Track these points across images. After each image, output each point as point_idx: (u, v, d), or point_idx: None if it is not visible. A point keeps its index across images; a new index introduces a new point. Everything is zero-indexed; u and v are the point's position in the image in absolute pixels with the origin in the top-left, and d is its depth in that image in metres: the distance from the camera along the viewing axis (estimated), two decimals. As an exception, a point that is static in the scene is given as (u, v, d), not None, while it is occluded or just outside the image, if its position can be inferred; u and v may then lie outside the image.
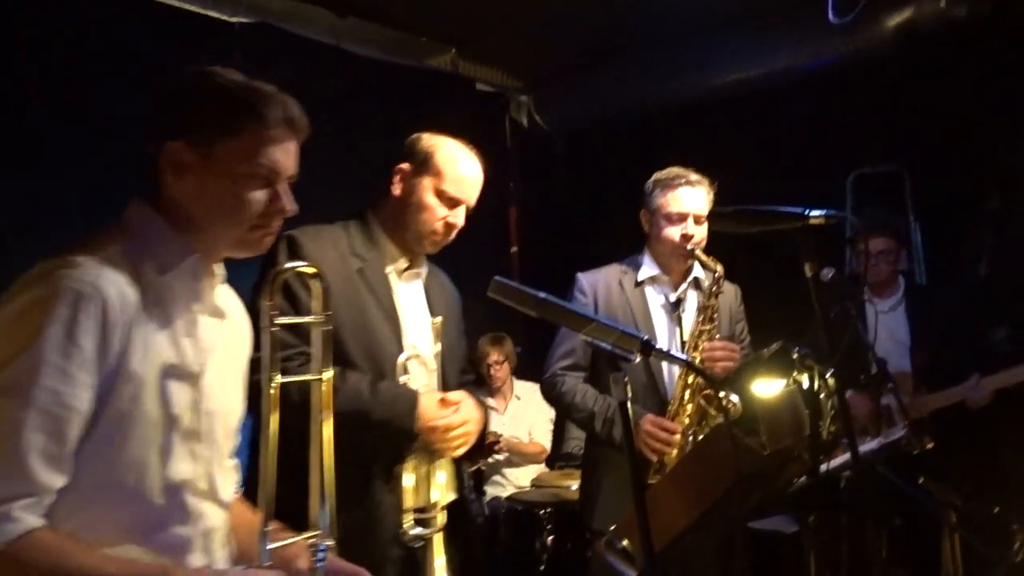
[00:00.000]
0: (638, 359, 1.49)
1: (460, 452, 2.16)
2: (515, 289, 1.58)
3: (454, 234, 2.25)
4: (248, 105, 1.44)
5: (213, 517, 1.49)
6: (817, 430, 1.86)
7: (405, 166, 2.23)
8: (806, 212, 1.86)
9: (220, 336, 1.52)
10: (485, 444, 4.31)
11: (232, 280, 1.62)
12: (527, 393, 4.76)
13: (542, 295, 1.54)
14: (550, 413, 4.66)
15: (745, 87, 4.84)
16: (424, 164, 2.21)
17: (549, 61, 5.36)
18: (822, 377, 1.86)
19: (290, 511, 2.00)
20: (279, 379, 1.45)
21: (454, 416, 2.10)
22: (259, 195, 1.45)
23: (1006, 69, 4.14)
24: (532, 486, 4.40)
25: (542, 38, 4.97)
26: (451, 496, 2.18)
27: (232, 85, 1.46)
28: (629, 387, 1.51)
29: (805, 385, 1.87)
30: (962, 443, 3.62)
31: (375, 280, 2.17)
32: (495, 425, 4.65)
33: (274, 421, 1.45)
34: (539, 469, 4.63)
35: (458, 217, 2.23)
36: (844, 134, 4.62)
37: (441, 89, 5.13)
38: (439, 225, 2.21)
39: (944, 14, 4.08)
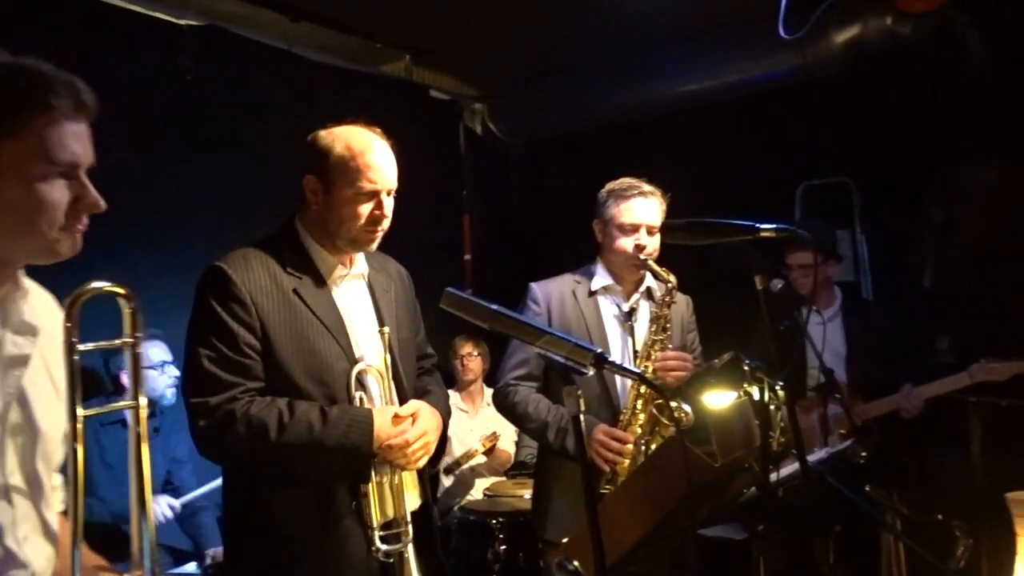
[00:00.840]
0: (591, 372, 1.49)
1: (421, 464, 2.13)
2: (467, 301, 1.57)
3: (387, 222, 2.15)
4: (29, 96, 1.26)
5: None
6: (767, 441, 1.88)
7: (311, 177, 2.12)
8: (756, 225, 1.88)
9: (34, 353, 1.37)
10: (487, 447, 4.33)
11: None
12: None
13: (494, 307, 1.53)
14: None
15: (697, 100, 4.89)
16: (329, 167, 2.10)
17: (503, 71, 5.37)
18: (772, 389, 1.88)
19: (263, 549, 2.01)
20: (82, 412, 1.29)
21: (411, 431, 2.06)
22: (60, 195, 1.29)
23: (948, 86, 4.25)
24: (484, 495, 4.37)
25: (496, 48, 4.97)
26: (416, 502, 2.17)
27: (4, 73, 1.27)
28: (582, 400, 1.51)
29: (755, 397, 1.89)
30: (905, 452, 3.71)
31: (314, 296, 2.09)
32: (464, 431, 4.62)
33: (80, 453, 1.29)
34: (493, 478, 4.60)
35: (383, 206, 2.13)
36: (793, 147, 4.71)
37: (395, 96, 5.10)
38: (366, 223, 2.12)
39: (890, 31, 4.18)
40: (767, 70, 4.58)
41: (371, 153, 2.11)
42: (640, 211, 2.80)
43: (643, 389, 2.67)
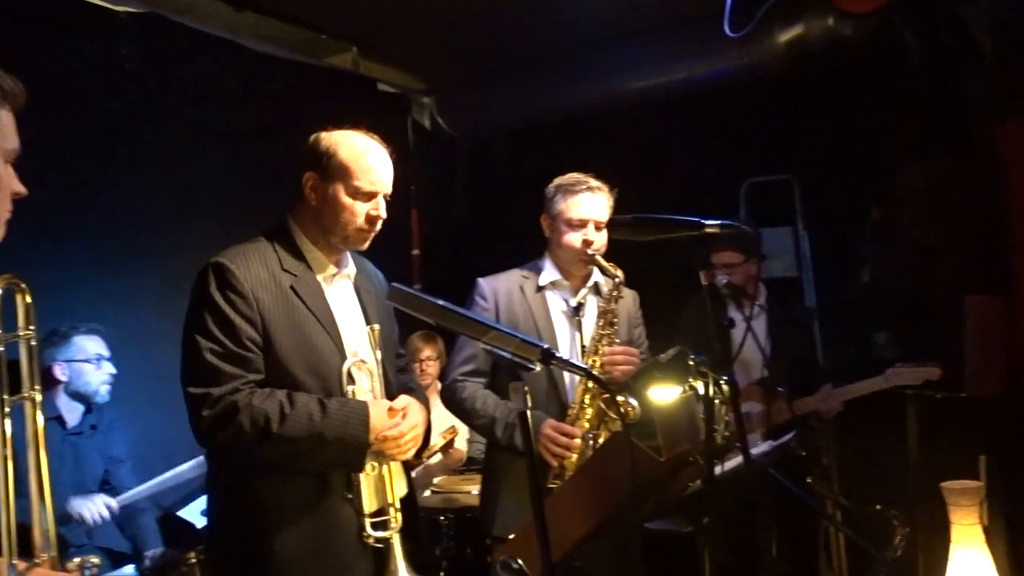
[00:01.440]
0: (538, 368, 1.49)
1: (411, 455, 2.22)
2: (414, 296, 1.57)
3: (380, 224, 2.25)
4: None
5: None
6: (712, 435, 1.90)
7: (312, 174, 2.21)
8: (702, 221, 1.90)
9: None
10: (443, 443, 4.29)
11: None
12: None
13: (441, 302, 1.53)
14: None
15: (644, 97, 4.94)
16: (330, 167, 2.20)
17: (452, 65, 5.35)
18: (716, 383, 1.90)
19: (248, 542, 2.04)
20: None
21: (404, 423, 2.16)
22: None
23: (886, 86, 4.36)
24: (432, 492, 4.36)
25: (445, 41, 4.95)
26: (403, 489, 2.27)
27: None
28: (529, 396, 1.52)
29: (700, 391, 1.91)
30: (842, 445, 3.80)
31: (309, 292, 2.17)
32: None
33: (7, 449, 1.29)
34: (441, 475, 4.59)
35: (379, 208, 2.23)
36: (738, 144, 4.78)
37: (341, 88, 5.04)
38: (362, 222, 2.21)
39: (832, 31, 4.27)
40: (712, 68, 4.64)
41: (374, 156, 2.24)
42: (588, 206, 2.81)
43: (591, 384, 2.69)
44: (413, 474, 4.36)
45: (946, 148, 4.26)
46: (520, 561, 1.38)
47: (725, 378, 1.86)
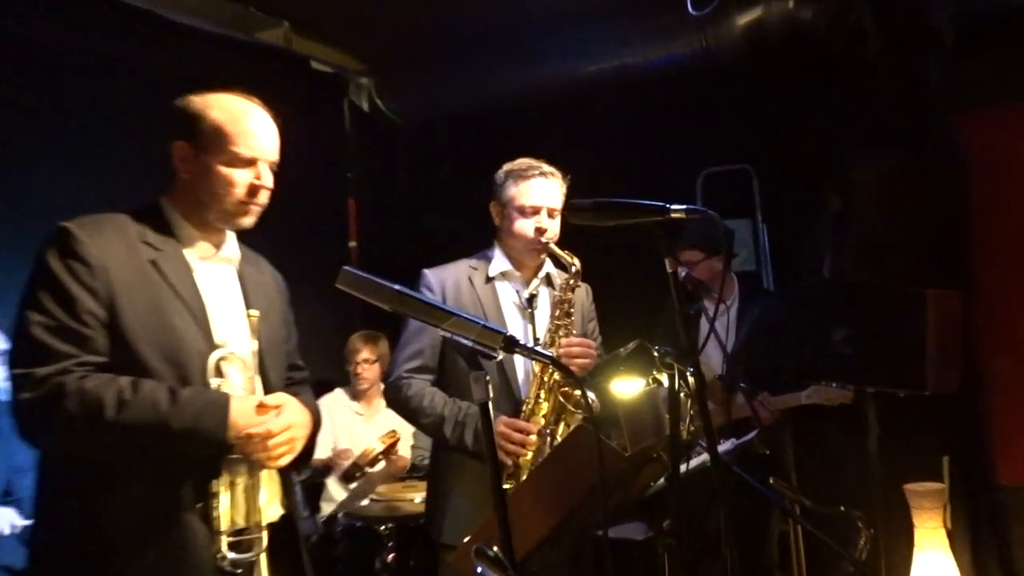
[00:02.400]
0: (501, 355, 1.50)
1: (284, 462, 2.02)
2: (367, 281, 1.55)
3: (265, 197, 2.11)
4: None
5: None
6: (677, 430, 1.93)
7: (181, 143, 2.06)
8: (667, 206, 1.92)
9: None
10: (383, 447, 4.21)
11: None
12: None
13: (397, 287, 1.53)
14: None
15: (597, 82, 4.99)
16: (201, 133, 2.05)
17: (393, 44, 5.31)
18: (682, 376, 1.93)
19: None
20: None
21: (274, 422, 1.97)
22: None
23: (845, 76, 4.47)
24: (371, 500, 4.32)
25: (385, 18, 4.91)
26: (277, 513, 2.08)
27: None
28: (490, 386, 1.52)
29: (665, 384, 1.93)
30: (804, 443, 3.89)
31: (173, 269, 2.01)
32: (360, 435, 4.51)
33: None
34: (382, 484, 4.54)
35: (263, 177, 2.09)
36: (695, 133, 4.86)
37: (272, 66, 4.97)
38: (242, 194, 2.07)
39: (791, 15, 4.36)
40: (668, 52, 4.71)
41: (250, 119, 2.08)
42: (541, 192, 2.83)
43: (547, 377, 2.70)
44: (353, 485, 4.36)
45: (904, 138, 4.38)
46: (496, 548, 1.38)
47: (691, 370, 1.88)
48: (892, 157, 4.37)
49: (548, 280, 2.94)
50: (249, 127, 2.07)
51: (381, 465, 4.33)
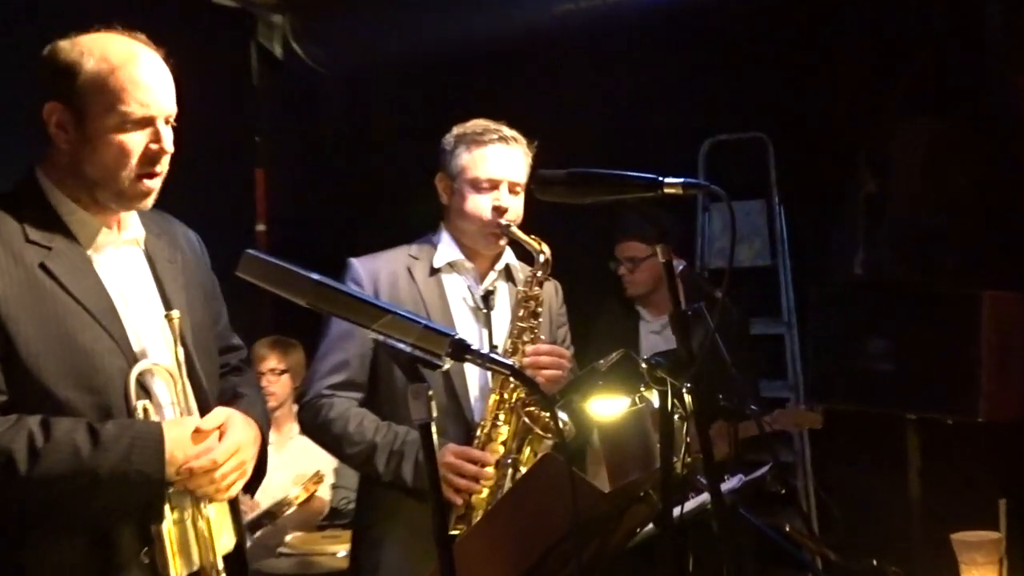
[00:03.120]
0: (448, 364, 1.49)
1: (235, 491, 2.10)
2: (278, 268, 1.55)
3: (166, 162, 2.09)
4: None
5: None
6: (669, 462, 1.94)
7: (55, 104, 2.03)
8: (660, 179, 1.93)
9: None
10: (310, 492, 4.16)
11: None
12: None
13: (316, 277, 1.51)
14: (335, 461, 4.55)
15: (573, 26, 4.98)
16: (79, 89, 2.01)
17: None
18: (677, 395, 1.93)
19: None
20: None
21: (218, 449, 2.03)
22: None
23: (884, 26, 4.52)
24: (279, 555, 4.29)
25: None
26: (230, 542, 2.15)
27: None
28: (434, 403, 1.51)
29: (655, 404, 1.94)
30: (828, 483, 3.93)
31: (70, 270, 2.01)
32: (268, 471, 4.44)
33: None
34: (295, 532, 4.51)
35: (161, 138, 2.06)
36: (697, 90, 4.88)
37: (164, 1, 4.91)
38: (139, 163, 2.05)
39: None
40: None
41: (138, 65, 2.04)
42: (499, 162, 2.82)
43: (507, 394, 2.70)
44: (257, 534, 4.31)
45: (955, 103, 4.44)
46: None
47: (687, 386, 1.89)
48: (940, 125, 4.43)
49: (508, 273, 2.94)
50: (138, 76, 2.03)
51: (293, 508, 4.29)
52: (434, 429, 1.53)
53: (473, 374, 2.79)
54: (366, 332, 2.12)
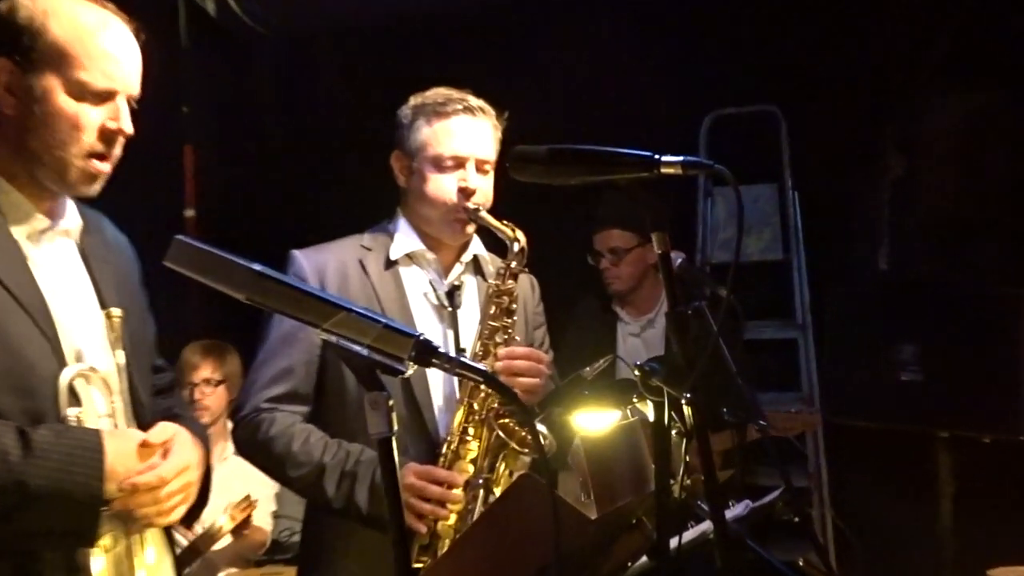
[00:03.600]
0: (412, 370, 1.50)
1: (176, 517, 2.11)
2: (213, 257, 1.55)
3: (119, 146, 2.15)
4: None
5: None
6: (666, 485, 1.95)
7: (5, 63, 2.07)
8: (656, 157, 1.94)
9: None
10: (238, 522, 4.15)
11: None
12: None
13: (258, 267, 1.52)
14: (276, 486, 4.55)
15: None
16: (36, 51, 2.07)
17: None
18: (675, 407, 1.95)
19: None
20: None
21: (164, 465, 2.05)
22: None
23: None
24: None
25: None
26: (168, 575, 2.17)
27: None
28: (394, 415, 1.52)
29: (650, 417, 1.95)
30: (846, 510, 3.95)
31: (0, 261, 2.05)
32: None
33: None
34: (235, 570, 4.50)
35: (119, 116, 2.12)
36: (699, 57, 4.90)
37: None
38: (93, 140, 2.09)
39: None
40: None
41: (107, 34, 2.11)
42: (465, 137, 2.82)
43: (477, 404, 2.70)
44: (185, 571, 4.30)
45: (996, 77, 4.48)
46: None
47: (687, 396, 1.91)
48: (978, 101, 4.47)
49: (476, 265, 2.95)
50: (105, 46, 2.09)
51: (227, 541, 4.28)
52: (395, 446, 1.53)
53: (437, 382, 2.80)
54: (313, 334, 2.13)
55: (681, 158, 1.96)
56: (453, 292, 2.86)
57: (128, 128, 2.14)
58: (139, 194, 5.04)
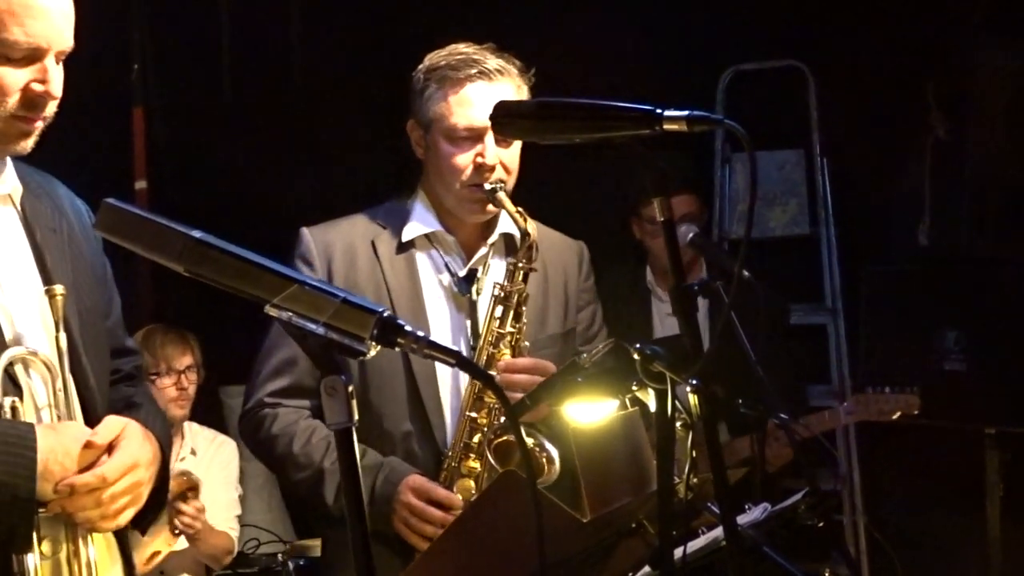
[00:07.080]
0: (373, 351, 1.48)
1: (124, 520, 2.13)
2: (147, 223, 1.54)
3: (52, 107, 2.16)
4: None
5: None
6: (669, 484, 1.94)
7: None
8: (658, 112, 1.93)
9: None
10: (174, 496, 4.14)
11: None
12: (210, 450, 4.60)
13: (198, 234, 1.50)
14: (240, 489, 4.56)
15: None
16: None
17: None
18: (680, 396, 1.94)
19: None
20: None
21: (109, 464, 2.06)
22: None
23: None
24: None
25: None
26: None
27: None
28: (355, 402, 1.50)
29: (652, 407, 1.94)
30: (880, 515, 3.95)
31: None
32: None
33: None
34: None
35: (48, 77, 2.12)
36: (718, 10, 4.89)
37: None
38: (16, 103, 2.10)
39: None
40: None
41: None
42: (481, 106, 2.78)
43: (480, 415, 2.72)
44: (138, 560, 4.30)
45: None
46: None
47: (694, 383, 1.89)
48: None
49: (508, 246, 2.94)
50: (31, 1, 2.09)
51: (181, 545, 4.28)
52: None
53: (446, 383, 2.83)
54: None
55: (686, 112, 1.94)
56: (470, 276, 2.88)
57: (57, 90, 2.15)
58: (82, 164, 5.04)
